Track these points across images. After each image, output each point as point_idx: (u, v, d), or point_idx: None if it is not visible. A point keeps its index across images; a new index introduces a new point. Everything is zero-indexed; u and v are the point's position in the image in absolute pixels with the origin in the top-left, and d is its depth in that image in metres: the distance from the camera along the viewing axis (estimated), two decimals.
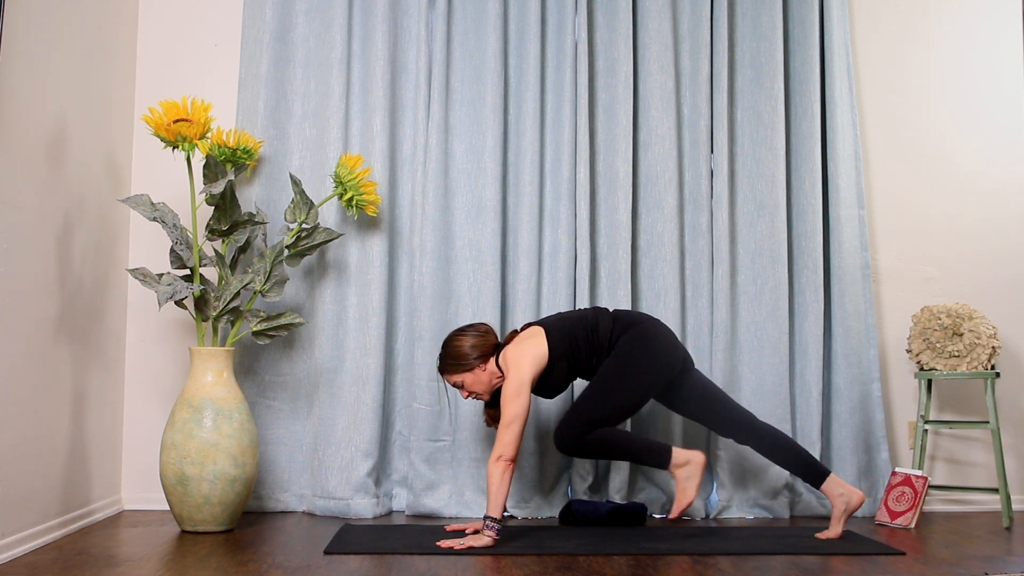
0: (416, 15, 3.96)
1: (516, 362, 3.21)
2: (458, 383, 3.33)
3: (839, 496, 3.28)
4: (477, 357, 3.29)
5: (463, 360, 3.29)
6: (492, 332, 3.38)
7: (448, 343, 3.34)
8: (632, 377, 3.23)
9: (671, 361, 3.30)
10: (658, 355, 3.27)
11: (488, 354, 3.31)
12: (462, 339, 3.32)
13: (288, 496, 3.81)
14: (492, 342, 3.34)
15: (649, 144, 3.98)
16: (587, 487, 3.80)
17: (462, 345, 3.30)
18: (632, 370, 3.23)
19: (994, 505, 4.01)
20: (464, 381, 3.31)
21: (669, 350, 3.30)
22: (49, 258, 3.11)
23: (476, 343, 3.31)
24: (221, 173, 3.43)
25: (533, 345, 3.25)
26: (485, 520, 3.04)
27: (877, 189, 4.18)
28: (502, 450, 3.05)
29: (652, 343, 3.28)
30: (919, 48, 4.25)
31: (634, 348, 3.26)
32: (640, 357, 3.25)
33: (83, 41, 3.39)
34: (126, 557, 2.87)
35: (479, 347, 3.30)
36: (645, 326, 3.32)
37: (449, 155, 3.91)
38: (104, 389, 3.60)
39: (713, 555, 2.97)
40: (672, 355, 3.31)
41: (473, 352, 3.29)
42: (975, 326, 3.79)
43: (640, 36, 4.01)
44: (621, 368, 3.24)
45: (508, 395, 3.14)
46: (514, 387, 3.15)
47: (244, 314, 3.51)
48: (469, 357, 3.29)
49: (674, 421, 3.87)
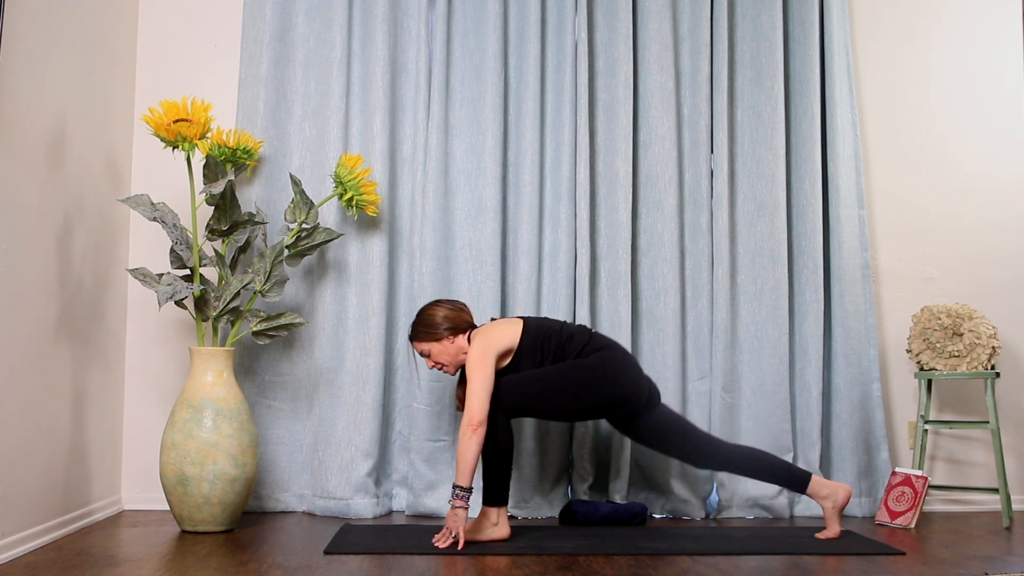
0: (416, 15, 3.96)
1: (484, 332, 3.26)
2: (425, 351, 3.36)
3: (826, 498, 3.28)
4: (447, 328, 3.32)
5: (433, 329, 3.32)
6: (468, 311, 3.41)
7: (421, 311, 3.39)
8: (581, 379, 3.20)
9: (630, 388, 3.23)
10: (619, 377, 3.22)
11: (459, 329, 3.33)
12: (436, 309, 3.36)
13: (288, 496, 3.81)
14: (466, 319, 3.37)
15: (649, 144, 3.98)
16: (587, 487, 3.79)
17: (435, 314, 3.34)
18: (586, 374, 3.20)
19: (994, 505, 4.01)
20: (431, 350, 3.34)
21: (631, 377, 3.25)
22: (49, 258, 3.11)
23: (449, 315, 3.34)
24: (221, 173, 3.43)
25: (507, 325, 3.29)
26: (454, 489, 3.05)
27: (877, 189, 4.18)
28: (471, 415, 3.06)
29: (617, 364, 3.25)
30: (919, 48, 4.25)
31: (598, 359, 3.23)
32: (599, 368, 3.21)
33: (83, 41, 3.39)
34: (126, 557, 2.87)
35: (451, 319, 3.33)
36: (616, 351, 3.30)
37: (449, 155, 3.91)
38: (104, 389, 3.60)
39: (713, 555, 2.97)
40: (633, 383, 3.25)
41: (444, 323, 3.32)
42: (975, 326, 3.79)
43: (640, 36, 4.01)
44: (576, 368, 3.22)
45: (472, 362, 3.16)
46: (478, 352, 3.17)
47: (244, 314, 3.51)
48: (440, 327, 3.32)
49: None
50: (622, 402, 3.24)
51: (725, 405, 3.91)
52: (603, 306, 3.89)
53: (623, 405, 3.25)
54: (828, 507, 3.28)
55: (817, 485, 3.28)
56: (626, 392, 3.23)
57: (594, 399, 3.22)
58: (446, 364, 3.36)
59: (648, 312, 3.94)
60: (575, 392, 3.21)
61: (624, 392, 3.23)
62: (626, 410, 3.27)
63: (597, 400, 3.22)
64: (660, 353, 3.90)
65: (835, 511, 3.27)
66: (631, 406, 3.26)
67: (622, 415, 3.30)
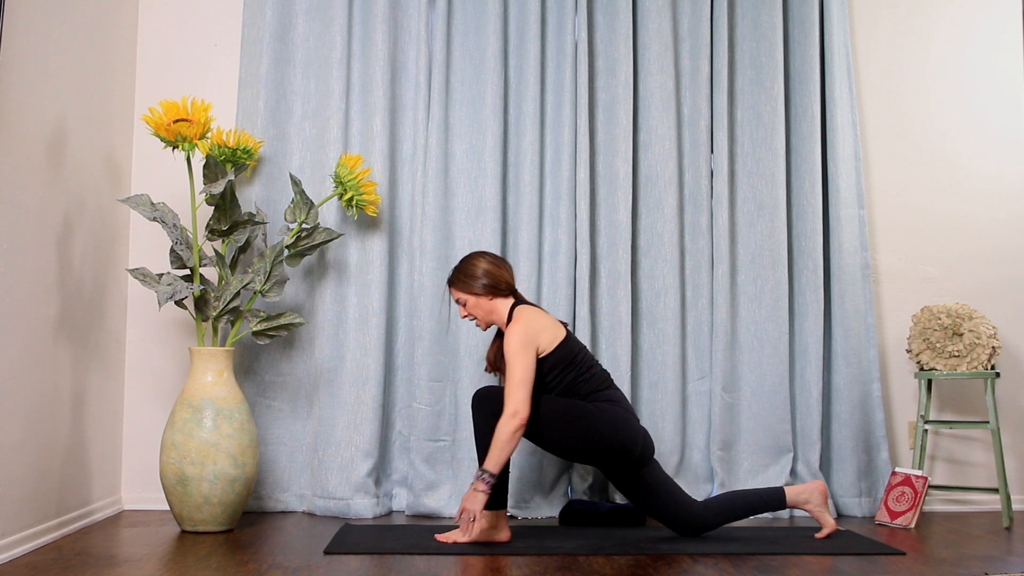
0: (416, 15, 3.96)
1: (526, 319, 3.19)
2: (460, 300, 3.32)
3: (806, 501, 3.29)
4: (484, 285, 3.27)
5: (471, 280, 3.27)
6: (510, 270, 3.35)
7: (464, 258, 3.35)
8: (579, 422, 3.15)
9: (621, 441, 3.16)
10: (613, 429, 3.16)
11: (497, 289, 3.28)
12: (479, 260, 3.31)
13: (288, 496, 3.81)
14: (506, 278, 3.31)
15: (649, 144, 3.98)
16: (587, 487, 3.80)
17: (477, 266, 3.29)
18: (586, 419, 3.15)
19: (994, 505, 4.01)
20: (467, 302, 3.30)
21: (626, 432, 3.18)
22: (49, 258, 3.11)
23: (490, 270, 3.28)
24: (221, 173, 3.43)
25: (552, 327, 3.22)
26: (481, 472, 3.02)
27: (877, 189, 4.18)
28: (516, 406, 3.02)
29: (617, 418, 3.19)
30: (919, 48, 4.25)
31: (598, 409, 3.18)
32: (598, 416, 3.16)
33: (83, 41, 3.39)
34: (126, 557, 2.87)
35: (491, 275, 3.27)
36: (620, 405, 3.24)
37: (449, 155, 3.91)
38: (104, 389, 3.60)
39: (713, 555, 2.97)
40: (627, 438, 3.17)
41: (483, 278, 3.27)
42: (975, 326, 3.79)
43: (640, 36, 4.01)
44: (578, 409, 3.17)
45: (513, 350, 3.10)
46: (519, 341, 3.11)
47: (244, 314, 3.51)
48: (478, 280, 3.27)
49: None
50: (610, 455, 3.19)
51: (725, 405, 3.91)
52: (603, 306, 3.89)
53: (610, 458, 3.21)
54: (811, 508, 3.29)
55: (793, 494, 3.29)
56: (617, 445, 3.17)
57: (586, 444, 3.17)
58: (477, 318, 3.33)
59: (648, 312, 3.94)
60: (571, 433, 3.16)
61: (615, 445, 3.17)
62: (616, 462, 3.22)
63: (589, 445, 3.17)
64: (660, 353, 3.90)
65: (819, 508, 3.28)
66: (621, 459, 3.21)
67: (612, 466, 3.26)
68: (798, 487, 3.32)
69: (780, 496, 3.30)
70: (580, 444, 3.18)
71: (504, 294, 3.30)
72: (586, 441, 3.17)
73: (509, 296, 3.32)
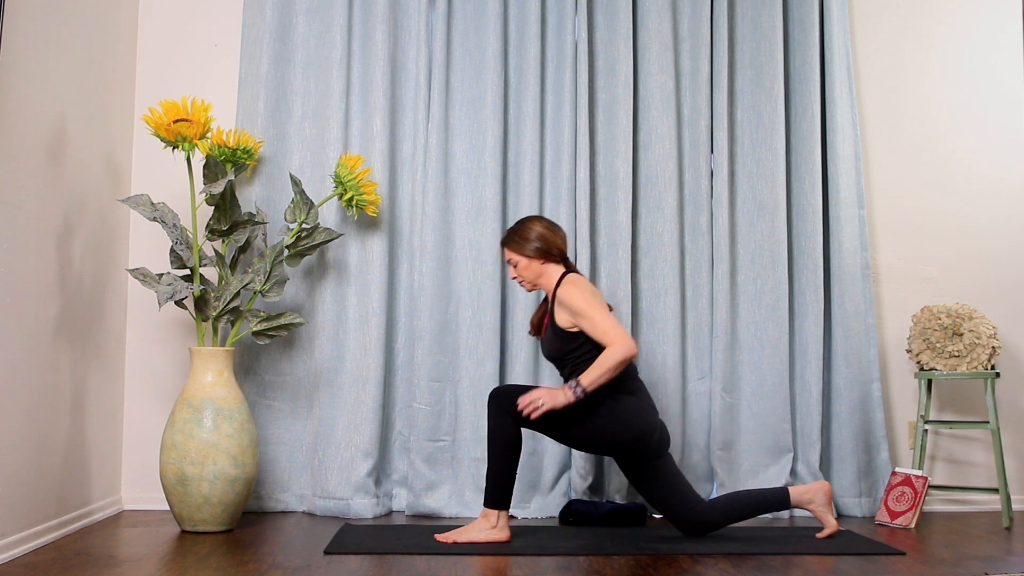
0: (416, 15, 3.96)
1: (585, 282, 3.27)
2: (511, 261, 3.34)
3: (810, 501, 3.29)
4: (536, 248, 3.29)
5: (524, 241, 3.30)
6: (564, 237, 3.37)
7: (520, 220, 3.39)
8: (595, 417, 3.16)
9: (637, 435, 3.18)
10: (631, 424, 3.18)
11: (549, 254, 3.30)
12: (534, 223, 3.34)
13: (288, 496, 3.81)
14: (558, 244, 3.33)
15: (649, 144, 3.98)
16: (587, 487, 3.79)
17: (531, 228, 3.32)
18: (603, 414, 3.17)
19: (994, 505, 4.01)
20: (519, 263, 3.32)
21: (642, 426, 3.19)
22: (49, 258, 3.11)
23: (544, 234, 3.31)
24: (221, 173, 3.43)
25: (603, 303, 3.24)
26: (575, 384, 3.06)
27: (877, 189, 4.17)
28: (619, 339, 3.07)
29: (635, 412, 3.20)
30: (919, 48, 4.25)
31: (615, 401, 3.19)
32: (616, 411, 3.17)
33: (83, 41, 3.39)
34: (126, 557, 2.87)
35: (544, 240, 3.30)
36: (641, 397, 3.25)
37: (449, 155, 3.91)
38: (104, 389, 3.60)
39: (713, 555, 2.97)
40: (643, 432, 3.19)
41: (536, 241, 3.29)
42: (975, 326, 3.79)
43: (640, 36, 4.01)
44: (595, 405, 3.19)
45: (581, 301, 3.14)
46: (582, 292, 3.17)
47: (244, 314, 3.51)
48: (530, 243, 3.30)
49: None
50: (628, 447, 3.22)
51: (725, 405, 3.91)
52: None
53: (628, 450, 3.23)
54: (815, 508, 3.29)
55: (797, 494, 3.29)
56: (629, 439, 3.19)
57: (598, 440, 3.21)
58: (525, 281, 3.35)
59: (648, 312, 3.93)
60: (582, 428, 3.18)
61: (629, 439, 3.19)
62: (630, 454, 3.25)
63: (602, 440, 3.20)
64: (660, 353, 3.90)
65: (823, 508, 3.28)
66: (635, 451, 3.22)
67: (626, 457, 3.28)
68: (802, 487, 3.32)
69: (784, 496, 3.30)
70: (597, 439, 3.20)
71: (555, 260, 3.33)
72: (602, 435, 3.18)
73: (560, 263, 3.34)
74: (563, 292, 3.21)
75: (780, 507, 3.32)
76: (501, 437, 3.11)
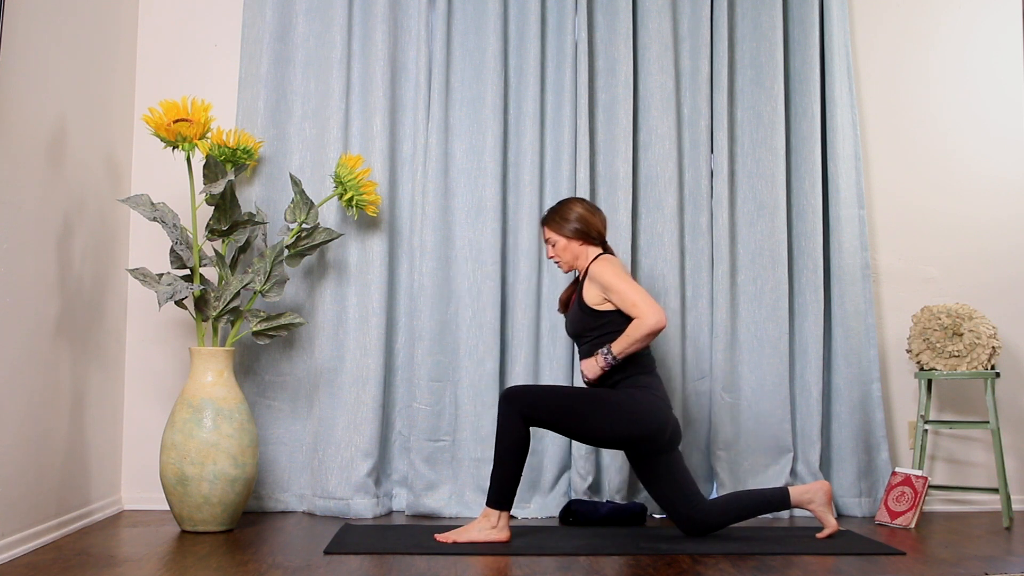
0: (416, 15, 3.96)
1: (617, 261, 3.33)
2: (550, 240, 3.36)
3: (810, 501, 3.30)
4: (575, 230, 3.32)
5: (564, 222, 3.33)
6: (603, 220, 3.39)
7: (562, 200, 3.42)
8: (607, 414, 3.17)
9: (650, 431, 3.17)
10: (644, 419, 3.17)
11: (588, 236, 3.33)
12: (575, 204, 3.37)
13: (288, 496, 3.81)
14: (597, 227, 3.36)
15: (649, 144, 3.98)
16: (587, 487, 3.79)
17: (571, 209, 3.35)
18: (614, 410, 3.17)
19: (994, 505, 4.01)
20: (557, 242, 3.35)
21: (656, 421, 3.19)
22: (49, 258, 3.11)
23: (583, 215, 3.33)
24: (221, 173, 3.43)
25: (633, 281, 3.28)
26: (606, 351, 3.13)
27: (877, 189, 4.17)
28: (649, 310, 3.12)
29: (648, 406, 3.19)
30: (919, 48, 4.25)
31: (628, 396, 3.19)
32: (628, 406, 3.17)
33: (83, 41, 3.39)
34: (126, 557, 2.87)
35: (583, 221, 3.33)
36: (657, 389, 3.26)
37: (449, 155, 3.91)
38: (104, 389, 3.60)
39: (713, 555, 2.97)
40: (656, 427, 3.18)
41: (576, 222, 3.32)
42: (975, 326, 3.79)
43: (640, 36, 4.01)
44: (606, 401, 3.19)
45: (610, 276, 3.19)
46: (613, 268, 3.23)
47: (244, 314, 3.51)
48: (569, 223, 3.32)
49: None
50: (639, 442, 3.21)
51: (725, 405, 3.91)
52: None
53: (639, 445, 3.23)
54: (815, 508, 3.29)
55: (797, 494, 3.30)
56: (645, 433, 3.18)
57: (612, 435, 3.20)
58: (562, 261, 3.37)
59: None
60: (597, 424, 3.18)
61: (643, 433, 3.18)
62: (639, 449, 3.25)
63: (616, 436, 3.20)
64: (660, 353, 3.90)
65: (823, 508, 3.29)
66: (645, 446, 3.22)
67: (634, 451, 3.28)
68: (803, 487, 3.32)
69: (784, 496, 3.30)
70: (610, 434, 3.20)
71: (594, 242, 3.36)
72: (615, 430, 3.18)
73: (598, 246, 3.37)
74: (595, 268, 3.26)
75: (780, 507, 3.33)
76: (510, 437, 3.12)
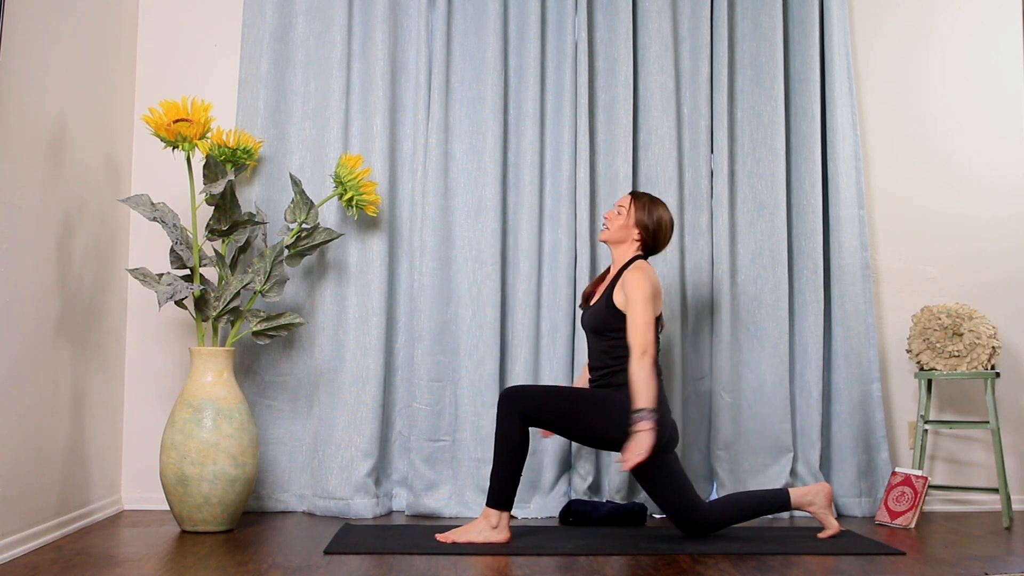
0: (416, 15, 3.96)
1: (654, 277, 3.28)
2: (621, 210, 3.36)
3: (811, 503, 3.30)
4: (647, 226, 3.34)
5: (645, 213, 3.34)
6: (667, 241, 3.40)
7: (659, 199, 3.41)
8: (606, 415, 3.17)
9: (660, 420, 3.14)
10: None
11: (648, 236, 3.34)
12: (667, 212, 3.38)
13: (288, 496, 3.81)
14: (661, 241, 3.37)
15: (649, 144, 3.98)
16: (587, 487, 3.79)
17: (660, 210, 3.36)
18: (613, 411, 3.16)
19: (994, 505, 4.01)
20: (623, 216, 3.35)
21: (664, 413, 3.19)
22: (49, 258, 3.11)
23: (664, 225, 3.35)
24: (221, 173, 3.43)
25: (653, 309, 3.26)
26: (640, 413, 3.05)
27: (877, 189, 4.18)
28: (646, 346, 3.13)
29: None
30: (919, 48, 4.25)
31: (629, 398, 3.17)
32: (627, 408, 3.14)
33: (83, 41, 3.39)
34: (126, 557, 2.87)
35: (659, 227, 3.34)
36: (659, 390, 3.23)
37: (449, 155, 3.91)
38: (104, 389, 3.60)
39: (713, 555, 2.97)
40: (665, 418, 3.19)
41: (654, 223, 3.34)
42: (975, 326, 3.79)
43: (640, 36, 4.01)
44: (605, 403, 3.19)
45: (640, 296, 3.18)
46: (647, 291, 3.19)
47: (244, 314, 3.51)
48: (649, 216, 3.34)
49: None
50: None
51: (725, 405, 3.90)
52: None
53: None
54: (815, 510, 3.30)
55: (797, 496, 3.30)
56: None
57: (611, 436, 3.19)
58: (611, 227, 3.37)
59: None
60: (596, 425, 3.19)
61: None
62: None
63: (614, 437, 3.17)
64: (660, 353, 3.90)
65: (823, 510, 3.29)
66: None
67: None
68: (803, 489, 3.32)
69: (785, 498, 3.30)
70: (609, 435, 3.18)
71: (646, 247, 3.37)
72: (614, 432, 3.16)
73: (643, 251, 3.37)
74: (630, 275, 3.24)
75: (781, 509, 3.33)
76: (509, 438, 3.11)
